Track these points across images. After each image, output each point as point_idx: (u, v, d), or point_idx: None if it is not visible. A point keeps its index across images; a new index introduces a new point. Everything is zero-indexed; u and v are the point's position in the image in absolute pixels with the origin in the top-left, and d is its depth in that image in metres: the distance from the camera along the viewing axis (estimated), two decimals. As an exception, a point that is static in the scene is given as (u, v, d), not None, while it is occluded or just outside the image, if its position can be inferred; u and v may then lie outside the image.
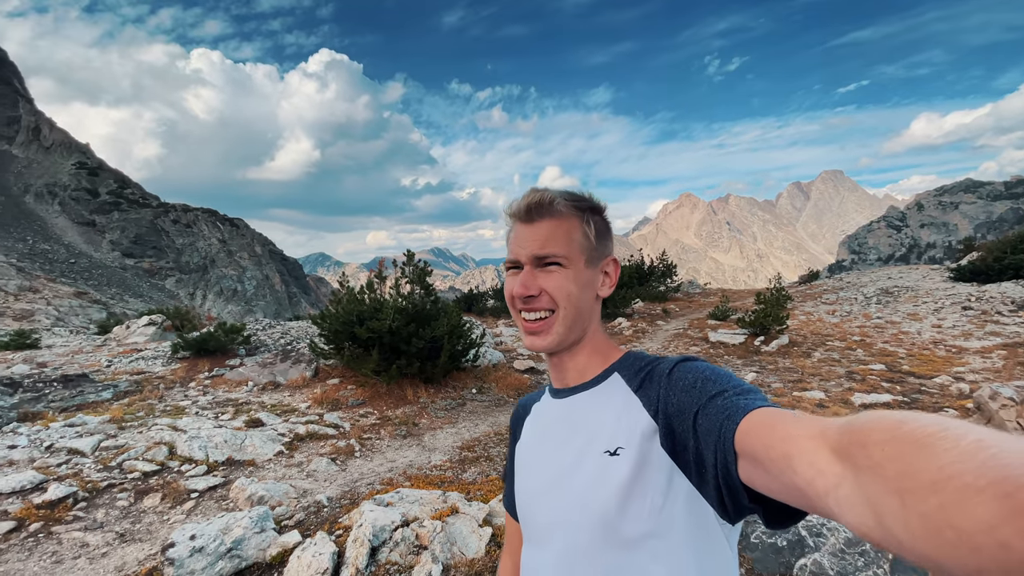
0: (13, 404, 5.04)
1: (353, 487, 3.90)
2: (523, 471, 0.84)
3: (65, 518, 3.27)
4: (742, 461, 0.52)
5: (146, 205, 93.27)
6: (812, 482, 0.40)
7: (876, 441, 0.35)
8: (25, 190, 76.94)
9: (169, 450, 4.35)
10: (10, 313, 33.01)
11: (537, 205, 0.75)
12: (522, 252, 0.76)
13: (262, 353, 6.97)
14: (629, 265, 18.19)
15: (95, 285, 58.11)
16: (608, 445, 0.69)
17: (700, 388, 0.63)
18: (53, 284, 43.32)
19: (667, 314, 14.47)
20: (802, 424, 0.45)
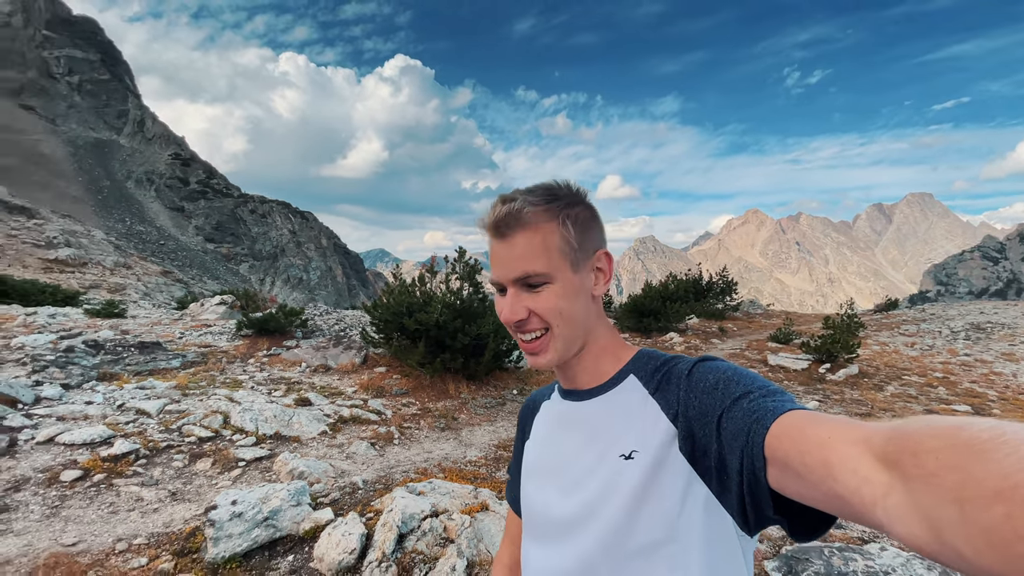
0: (95, 364, 5.51)
1: (389, 473, 3.94)
2: (532, 472, 0.82)
3: (126, 472, 3.51)
4: (772, 467, 0.49)
5: (228, 195, 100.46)
6: (857, 491, 0.38)
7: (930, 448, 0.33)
8: (127, 176, 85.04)
9: (224, 419, 4.58)
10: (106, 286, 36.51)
11: (505, 219, 0.70)
12: (503, 274, 0.71)
13: (317, 337, 7.27)
14: (686, 279, 17.54)
15: (179, 265, 63.14)
16: (624, 449, 0.67)
17: (723, 389, 0.60)
18: (144, 262, 47.45)
19: (723, 333, 13.81)
20: (841, 428, 0.43)
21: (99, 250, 41.97)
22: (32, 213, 37.26)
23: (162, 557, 2.58)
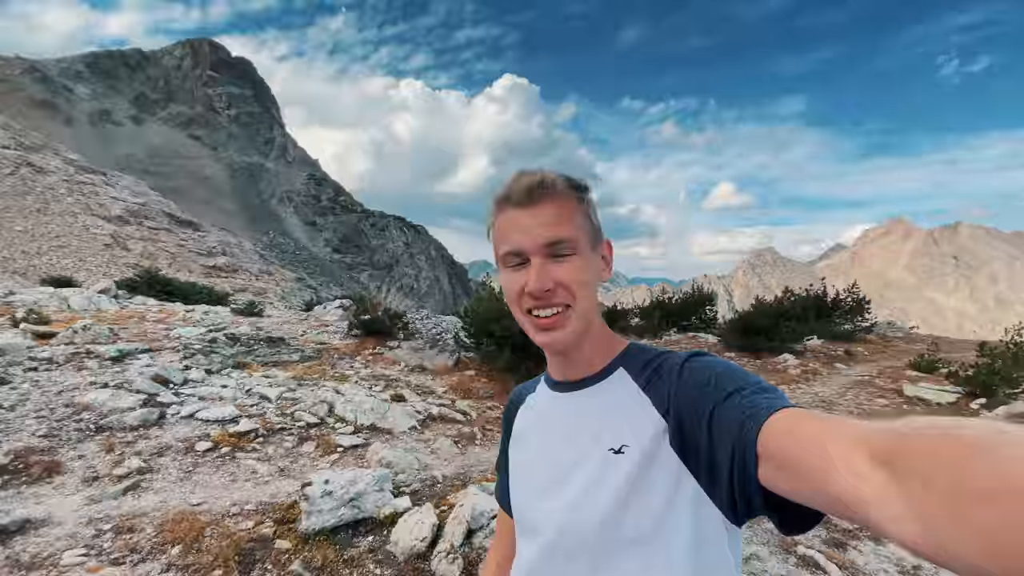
0: (232, 354, 6.40)
1: (467, 470, 4.06)
2: (520, 467, 0.81)
3: (246, 448, 4.01)
4: (765, 464, 0.49)
5: (353, 211, 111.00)
6: (851, 490, 0.38)
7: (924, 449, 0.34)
8: (272, 195, 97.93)
9: (329, 409, 5.06)
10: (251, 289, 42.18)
11: (540, 185, 0.68)
12: (528, 241, 0.68)
13: (416, 339, 7.75)
14: (806, 296, 15.81)
15: (310, 273, 70.81)
16: (613, 443, 0.66)
17: (715, 385, 0.60)
18: (282, 270, 53.99)
19: (850, 357, 12.22)
20: (837, 427, 0.43)
21: (247, 258, 48.59)
22: (197, 226, 44.23)
23: (265, 523, 2.91)
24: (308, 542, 2.74)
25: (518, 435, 0.85)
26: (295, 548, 2.68)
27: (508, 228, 0.70)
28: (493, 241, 0.74)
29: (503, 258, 0.71)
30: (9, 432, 3.61)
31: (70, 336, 6.29)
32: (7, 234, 24.32)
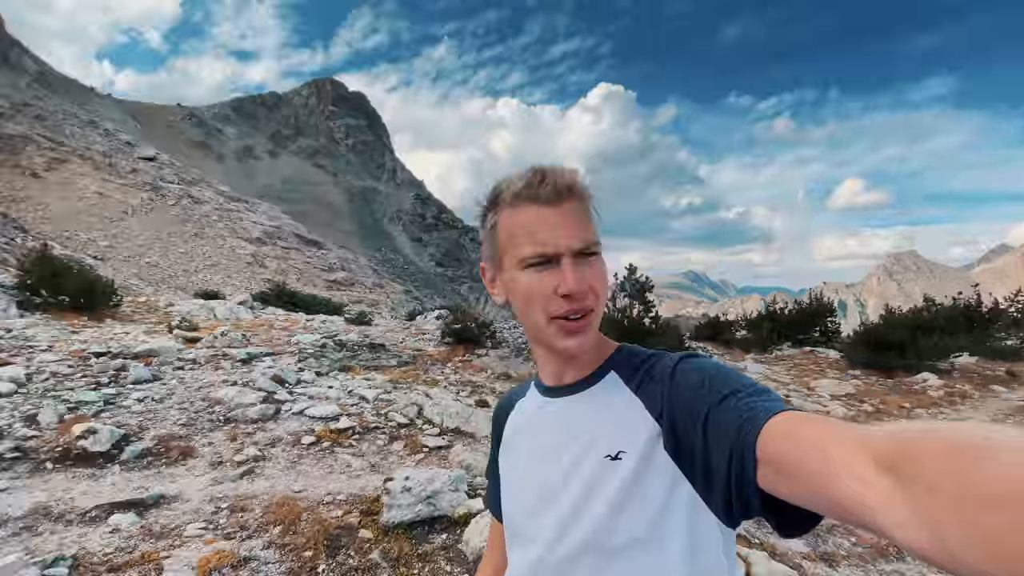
0: (339, 358, 7.02)
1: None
2: (511, 475, 0.80)
3: (344, 443, 4.36)
4: (764, 467, 0.49)
5: (454, 227, 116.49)
6: (855, 495, 0.38)
7: (929, 454, 0.33)
8: (383, 215, 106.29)
9: (418, 411, 5.33)
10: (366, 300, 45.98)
11: (568, 185, 0.66)
12: (561, 242, 0.64)
13: (502, 348, 7.90)
14: (953, 305, 13.50)
15: (416, 286, 75.34)
16: (609, 449, 0.65)
17: (709, 388, 0.59)
18: (392, 283, 58.09)
19: (1014, 378, 10.21)
20: (838, 431, 0.43)
21: (363, 273, 52.96)
22: (320, 245, 49.21)
23: (352, 513, 3.13)
24: (388, 534, 2.90)
25: (508, 442, 0.83)
26: (376, 538, 2.86)
27: (535, 228, 0.66)
28: (498, 238, 0.71)
29: (525, 259, 0.66)
30: (156, 421, 4.29)
31: (211, 341, 7.33)
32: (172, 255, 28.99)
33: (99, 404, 4.43)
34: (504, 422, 0.86)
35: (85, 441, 3.65)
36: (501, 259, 0.71)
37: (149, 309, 12.86)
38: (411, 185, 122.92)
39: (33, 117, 31.53)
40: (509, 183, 0.70)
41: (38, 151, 28.26)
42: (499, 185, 0.72)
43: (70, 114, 38.05)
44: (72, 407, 4.27)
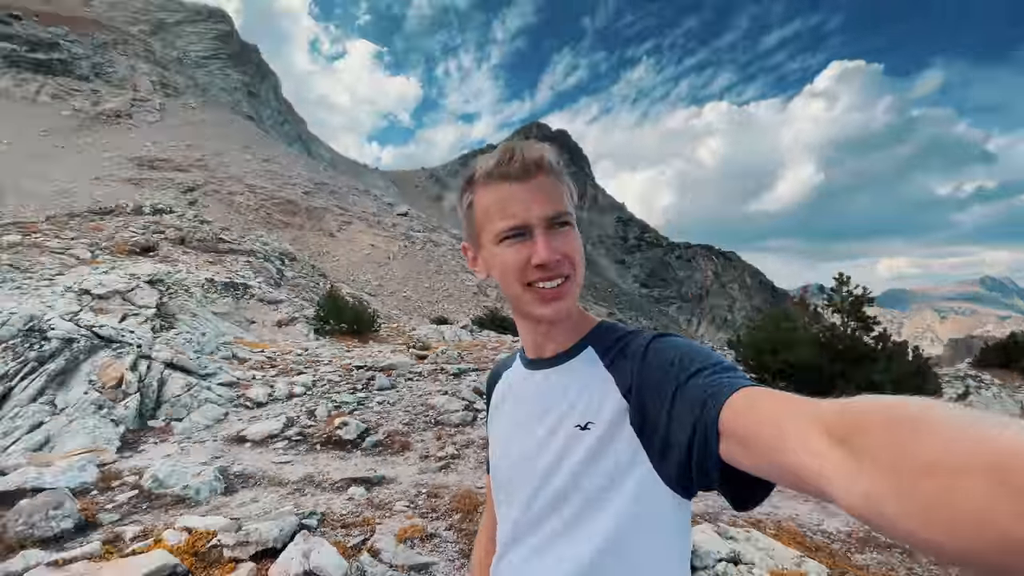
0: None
1: (719, 511, 3.72)
2: (497, 439, 0.86)
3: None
4: (725, 440, 0.51)
5: (658, 245, 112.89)
6: (808, 465, 0.40)
7: (873, 424, 0.36)
8: (586, 241, 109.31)
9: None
10: (571, 325, 47.88)
11: (536, 162, 0.69)
12: (532, 214, 0.68)
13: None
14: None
15: (621, 308, 74.97)
16: (579, 420, 0.69)
17: (679, 365, 0.61)
18: (595, 306, 59.06)
19: None
20: (794, 404, 0.46)
21: (568, 298, 55.20)
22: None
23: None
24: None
25: (495, 409, 0.90)
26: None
27: (507, 203, 0.69)
28: (475, 217, 0.74)
29: (500, 233, 0.70)
30: (388, 419, 5.42)
31: (434, 358, 8.80)
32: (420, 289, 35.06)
33: (353, 404, 5.83)
34: (492, 390, 0.93)
35: (341, 431, 4.89)
36: (479, 236, 0.74)
37: (398, 333, 15.93)
38: (612, 209, 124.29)
39: (328, 192, 42.66)
40: (482, 163, 0.72)
41: (333, 217, 37.89)
42: (473, 165, 0.74)
43: (351, 187, 50.30)
44: (336, 406, 5.72)
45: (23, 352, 5.29)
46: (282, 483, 3.84)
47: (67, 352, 5.36)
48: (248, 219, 31.83)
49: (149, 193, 28.37)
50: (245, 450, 4.56)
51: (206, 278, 13.04)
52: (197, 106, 52.94)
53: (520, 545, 0.75)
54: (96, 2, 66.97)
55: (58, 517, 2.93)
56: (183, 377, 5.91)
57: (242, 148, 44.67)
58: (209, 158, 38.89)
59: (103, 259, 13.35)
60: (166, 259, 14.57)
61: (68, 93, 42.79)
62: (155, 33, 67.06)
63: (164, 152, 37.53)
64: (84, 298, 8.85)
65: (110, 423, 4.63)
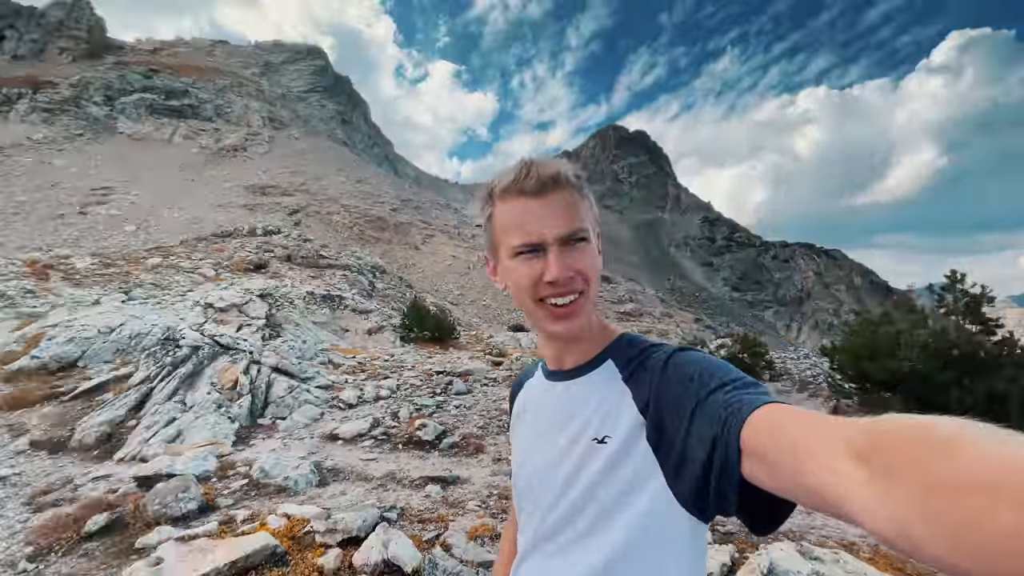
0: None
1: (807, 529, 3.45)
2: (519, 452, 0.86)
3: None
4: (747, 458, 0.50)
5: (751, 245, 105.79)
6: (831, 485, 0.39)
7: (900, 445, 0.35)
8: (669, 243, 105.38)
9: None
10: (655, 331, 46.15)
11: (553, 178, 0.69)
12: (546, 231, 0.68)
13: (783, 380, 6.93)
14: None
15: (709, 314, 71.12)
16: (597, 433, 0.69)
17: (699, 380, 0.60)
18: (681, 312, 56.55)
19: None
20: (818, 423, 0.44)
21: (651, 304, 53.41)
22: (610, 279, 52.19)
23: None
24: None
25: (516, 419, 0.90)
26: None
27: (522, 218, 0.70)
28: (493, 230, 0.75)
29: (515, 248, 0.71)
30: (464, 422, 5.65)
31: (509, 364, 9.00)
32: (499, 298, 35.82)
33: (432, 407, 6.15)
34: (515, 400, 0.94)
35: (420, 432, 5.18)
36: (497, 248, 0.75)
37: (477, 340, 16.42)
38: (697, 208, 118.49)
39: (413, 208, 45.12)
40: (501, 178, 0.73)
41: (417, 231, 39.98)
42: (493, 180, 0.75)
43: (434, 202, 52.89)
44: (417, 408, 6.07)
45: (161, 358, 6.21)
46: (367, 478, 4.17)
47: (194, 358, 6.21)
48: (344, 236, 34.56)
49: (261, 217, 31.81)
50: (337, 447, 4.99)
51: (307, 291, 14.36)
52: (299, 136, 58.56)
53: (539, 551, 0.75)
54: (217, 52, 76.66)
55: (185, 499, 3.43)
56: (287, 380, 6.59)
57: (337, 172, 48.66)
58: (310, 183, 42.78)
59: (224, 276, 15.20)
60: (275, 275, 16.26)
61: (196, 133, 49.28)
62: (264, 74, 75.26)
63: (273, 179, 41.88)
64: (208, 311, 10.16)
65: (227, 420, 5.30)
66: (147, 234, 24.58)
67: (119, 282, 12.85)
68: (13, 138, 37.31)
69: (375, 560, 2.72)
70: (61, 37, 57.65)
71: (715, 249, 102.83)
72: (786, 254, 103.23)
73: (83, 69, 51.68)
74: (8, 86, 44.11)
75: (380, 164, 78.54)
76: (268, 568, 2.67)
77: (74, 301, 9.98)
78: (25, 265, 12.73)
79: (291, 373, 6.92)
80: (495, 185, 0.74)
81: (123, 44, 67.66)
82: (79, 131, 42.15)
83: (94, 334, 6.93)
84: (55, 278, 12.19)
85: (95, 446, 4.64)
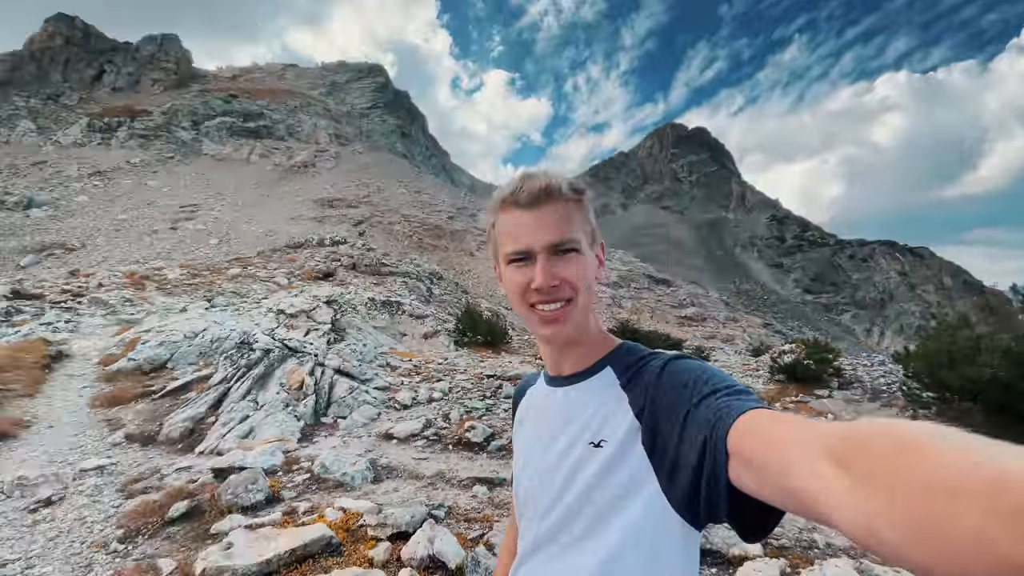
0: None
1: (870, 548, 3.24)
2: (520, 453, 0.89)
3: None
4: (733, 461, 0.52)
5: (824, 244, 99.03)
6: (808, 487, 0.40)
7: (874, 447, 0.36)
8: (735, 244, 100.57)
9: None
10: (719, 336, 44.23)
11: (545, 191, 0.73)
12: (535, 241, 0.73)
13: (854, 389, 6.46)
14: None
15: (779, 318, 67.21)
16: (593, 437, 0.71)
17: (692, 387, 0.62)
18: (748, 316, 53.82)
19: None
20: (800, 428, 0.46)
21: (714, 307, 51.30)
22: (669, 283, 50.58)
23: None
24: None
25: (518, 424, 0.93)
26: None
27: (514, 228, 0.75)
28: (496, 239, 0.80)
29: (507, 256, 0.76)
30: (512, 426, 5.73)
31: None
32: (554, 303, 35.80)
33: (482, 410, 6.28)
34: (517, 406, 0.97)
35: (469, 434, 5.32)
36: (498, 254, 0.80)
37: (529, 344, 16.51)
38: (764, 206, 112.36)
39: (468, 216, 46.02)
40: (502, 190, 0.78)
41: (472, 238, 40.75)
42: (499, 190, 0.79)
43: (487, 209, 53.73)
44: (468, 411, 6.23)
45: (237, 360, 6.77)
46: (419, 477, 4.34)
47: (266, 360, 6.71)
48: (404, 244, 35.91)
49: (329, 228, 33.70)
50: (391, 446, 5.23)
51: (369, 297, 15.07)
52: (363, 151, 61.55)
53: (537, 554, 0.77)
54: (288, 75, 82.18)
55: (254, 491, 3.74)
56: (348, 382, 6.97)
57: (398, 183, 50.67)
58: (373, 194, 44.82)
59: (296, 284, 16.26)
60: (341, 282, 17.18)
61: (270, 152, 53.07)
62: (330, 93, 79.80)
63: (339, 193, 44.24)
64: (280, 316, 10.91)
65: (293, 418, 5.69)
66: (228, 246, 26.71)
67: (204, 291, 14.08)
68: (114, 163, 41.88)
69: (421, 555, 2.85)
70: (153, 69, 64.19)
71: (785, 249, 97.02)
72: (864, 253, 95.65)
73: (172, 97, 57.24)
74: (110, 115, 49.69)
75: (437, 174, 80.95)
76: (324, 557, 2.87)
77: (165, 308, 11.07)
78: (125, 276, 14.25)
79: (352, 375, 7.31)
80: (497, 195, 0.79)
81: (206, 73, 74.18)
82: (170, 154, 46.67)
83: (180, 338, 7.67)
84: (150, 288, 13.56)
85: (179, 440, 5.14)
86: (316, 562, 2.82)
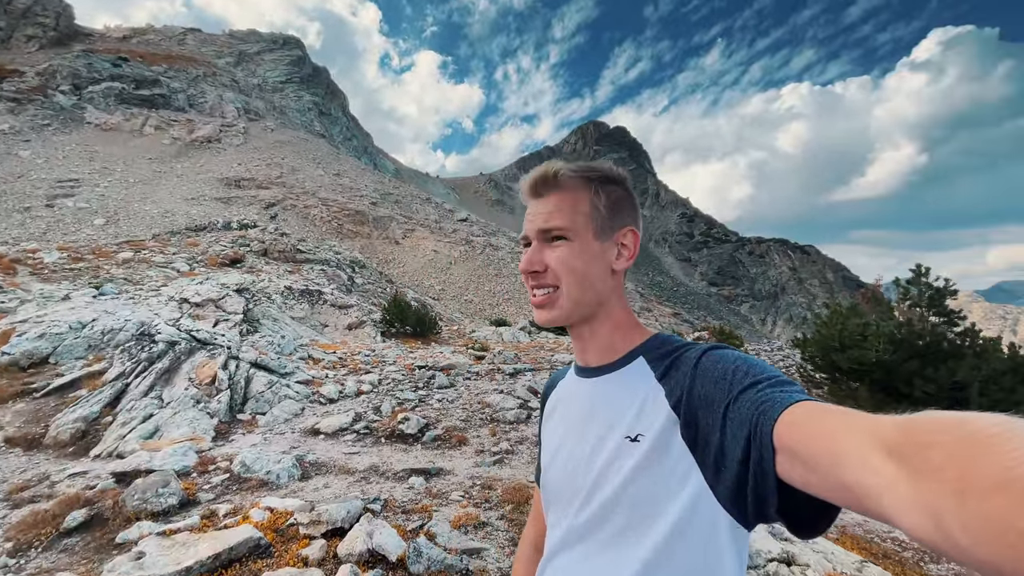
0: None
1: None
2: (549, 446, 0.85)
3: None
4: (781, 456, 0.50)
5: (727, 241, 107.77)
6: (863, 482, 0.39)
7: (936, 441, 0.34)
8: (648, 239, 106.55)
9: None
10: (634, 326, 46.85)
11: (542, 180, 0.76)
12: (529, 227, 0.76)
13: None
14: None
15: (687, 308, 72.24)
16: (629, 431, 0.68)
17: (731, 379, 0.60)
18: (660, 306, 57.35)
19: None
20: (851, 420, 0.44)
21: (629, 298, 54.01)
22: (592, 275, 52.83)
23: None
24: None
25: (548, 416, 0.90)
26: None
27: (526, 215, 0.79)
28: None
29: (520, 241, 0.80)
30: (446, 416, 5.69)
31: (491, 358, 9.05)
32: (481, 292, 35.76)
33: (415, 401, 6.17)
34: (547, 399, 0.93)
35: (403, 426, 5.20)
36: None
37: (459, 335, 16.43)
38: (675, 205, 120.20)
39: (393, 202, 44.63)
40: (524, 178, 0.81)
41: (398, 226, 39.59)
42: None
43: (415, 196, 52.35)
44: (400, 402, 6.08)
45: (136, 353, 6.09)
46: (350, 471, 4.18)
47: (171, 353, 6.10)
48: (322, 230, 34.05)
49: (236, 210, 31.12)
50: (319, 441, 4.98)
51: (285, 286, 14.15)
52: (275, 128, 57.29)
53: (569, 550, 0.74)
54: (189, 40, 74.31)
55: (166, 494, 3.40)
56: (266, 376, 6.52)
57: (315, 164, 47.79)
58: (287, 175, 41.95)
59: (199, 271, 14.86)
60: (252, 269, 15.95)
61: (168, 124, 47.80)
62: (239, 64, 73.31)
63: (248, 172, 40.92)
64: (184, 306, 9.94)
65: (206, 415, 5.23)
66: (117, 228, 23.84)
67: (89, 277, 12.46)
68: (-26, 128, 35.75)
69: (360, 550, 2.75)
70: (28, 24, 55.17)
71: (693, 244, 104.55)
72: (762, 250, 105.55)
73: (50, 57, 49.59)
74: (-31, 73, 42.18)
75: (359, 157, 77.53)
76: (252, 560, 2.68)
77: (43, 296, 9.66)
78: (-12, 259, 12.25)
79: (270, 368, 6.85)
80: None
81: (92, 31, 65.04)
82: (46, 120, 40.50)
83: (65, 330, 6.74)
84: (23, 273, 11.77)
85: (70, 443, 4.54)
86: (244, 566, 2.63)
